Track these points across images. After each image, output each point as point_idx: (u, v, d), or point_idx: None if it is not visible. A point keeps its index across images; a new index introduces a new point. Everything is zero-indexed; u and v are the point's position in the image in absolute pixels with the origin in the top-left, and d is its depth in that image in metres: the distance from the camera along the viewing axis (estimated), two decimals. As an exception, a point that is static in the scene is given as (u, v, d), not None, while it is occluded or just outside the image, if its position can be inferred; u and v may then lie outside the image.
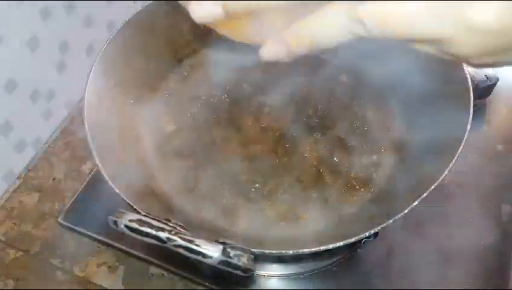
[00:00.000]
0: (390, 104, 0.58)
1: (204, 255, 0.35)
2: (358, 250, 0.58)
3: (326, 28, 0.25)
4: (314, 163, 0.54)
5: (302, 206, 0.51)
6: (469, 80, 0.48)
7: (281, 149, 0.56)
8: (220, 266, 0.35)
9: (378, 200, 0.50)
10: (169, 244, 0.35)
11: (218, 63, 0.64)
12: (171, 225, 0.37)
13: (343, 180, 0.53)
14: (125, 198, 0.41)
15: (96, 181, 0.65)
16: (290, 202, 0.52)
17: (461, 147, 0.43)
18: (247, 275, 0.36)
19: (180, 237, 0.35)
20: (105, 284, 0.57)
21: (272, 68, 0.62)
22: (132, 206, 0.41)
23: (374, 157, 0.54)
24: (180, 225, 0.37)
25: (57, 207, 0.64)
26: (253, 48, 0.30)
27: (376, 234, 0.41)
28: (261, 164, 0.55)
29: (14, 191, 0.66)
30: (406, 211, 0.41)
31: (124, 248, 0.59)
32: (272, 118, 0.58)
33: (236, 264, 0.35)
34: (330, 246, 0.40)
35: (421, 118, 0.53)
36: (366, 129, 0.57)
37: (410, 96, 0.56)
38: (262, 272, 0.57)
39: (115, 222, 0.36)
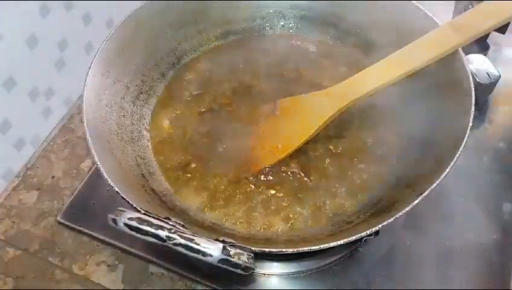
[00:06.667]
0: (391, 101, 0.58)
1: (204, 254, 0.35)
2: (359, 249, 0.57)
3: None
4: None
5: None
6: (471, 78, 0.48)
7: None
8: (220, 265, 0.35)
9: (380, 199, 0.50)
10: (168, 243, 0.35)
11: (218, 60, 0.64)
12: (171, 223, 0.36)
13: (345, 181, 0.53)
14: (124, 196, 0.41)
15: (95, 179, 0.64)
16: (291, 201, 0.52)
17: (463, 145, 0.43)
18: (247, 273, 0.36)
19: (180, 236, 0.35)
20: (104, 283, 0.57)
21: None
22: (131, 205, 0.40)
23: (375, 157, 0.54)
24: (179, 224, 0.37)
25: (56, 205, 0.64)
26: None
27: (377, 233, 0.41)
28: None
29: (13, 190, 0.66)
30: (407, 209, 0.40)
31: (123, 246, 0.58)
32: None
33: (236, 262, 0.35)
34: (331, 245, 0.39)
35: (423, 116, 0.53)
36: (367, 129, 0.56)
37: (412, 94, 0.56)
38: (263, 271, 0.56)
39: (114, 220, 0.35)
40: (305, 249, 0.40)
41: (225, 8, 0.63)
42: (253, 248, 0.37)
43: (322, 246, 0.39)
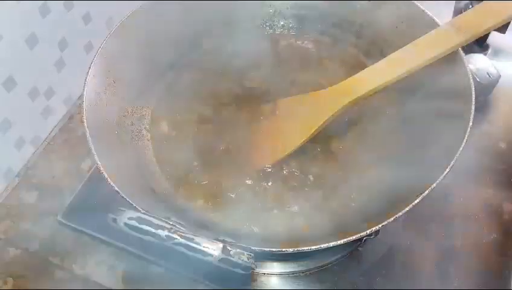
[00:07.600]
0: (391, 101, 0.58)
1: (204, 253, 0.35)
2: (359, 248, 0.57)
3: None
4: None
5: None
6: (471, 78, 0.48)
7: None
8: (220, 264, 0.35)
9: (380, 199, 0.50)
10: (168, 243, 0.35)
11: (218, 60, 0.64)
12: (171, 223, 0.36)
13: (345, 181, 0.53)
14: (124, 196, 0.41)
15: (95, 179, 0.64)
16: (291, 200, 0.52)
17: (463, 145, 0.43)
18: (247, 273, 0.36)
19: (180, 235, 0.35)
20: (104, 283, 0.57)
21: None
22: (132, 204, 0.40)
23: (375, 157, 0.54)
24: (179, 223, 0.37)
25: (56, 205, 0.63)
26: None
27: (377, 232, 0.41)
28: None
29: (14, 189, 0.65)
30: (407, 209, 0.40)
31: (123, 246, 0.58)
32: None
33: (236, 262, 0.35)
34: (331, 244, 0.39)
35: (423, 116, 0.53)
36: (367, 129, 0.56)
37: (412, 94, 0.56)
38: (263, 271, 0.56)
39: (114, 220, 0.36)
40: (305, 249, 0.40)
41: (225, 7, 0.63)
42: (253, 248, 0.37)
43: (322, 246, 0.39)
